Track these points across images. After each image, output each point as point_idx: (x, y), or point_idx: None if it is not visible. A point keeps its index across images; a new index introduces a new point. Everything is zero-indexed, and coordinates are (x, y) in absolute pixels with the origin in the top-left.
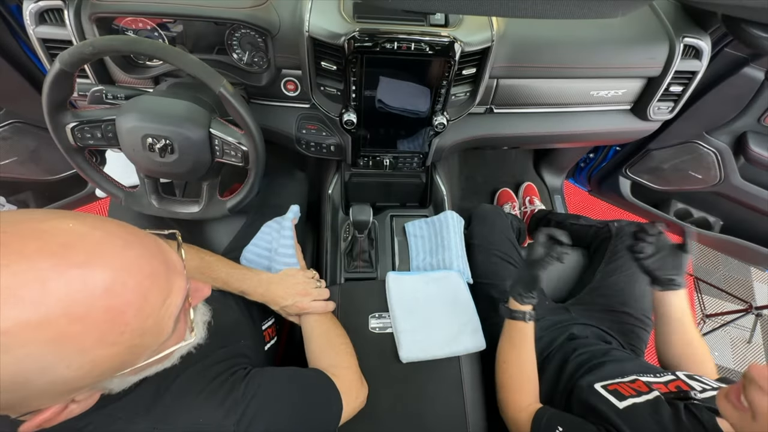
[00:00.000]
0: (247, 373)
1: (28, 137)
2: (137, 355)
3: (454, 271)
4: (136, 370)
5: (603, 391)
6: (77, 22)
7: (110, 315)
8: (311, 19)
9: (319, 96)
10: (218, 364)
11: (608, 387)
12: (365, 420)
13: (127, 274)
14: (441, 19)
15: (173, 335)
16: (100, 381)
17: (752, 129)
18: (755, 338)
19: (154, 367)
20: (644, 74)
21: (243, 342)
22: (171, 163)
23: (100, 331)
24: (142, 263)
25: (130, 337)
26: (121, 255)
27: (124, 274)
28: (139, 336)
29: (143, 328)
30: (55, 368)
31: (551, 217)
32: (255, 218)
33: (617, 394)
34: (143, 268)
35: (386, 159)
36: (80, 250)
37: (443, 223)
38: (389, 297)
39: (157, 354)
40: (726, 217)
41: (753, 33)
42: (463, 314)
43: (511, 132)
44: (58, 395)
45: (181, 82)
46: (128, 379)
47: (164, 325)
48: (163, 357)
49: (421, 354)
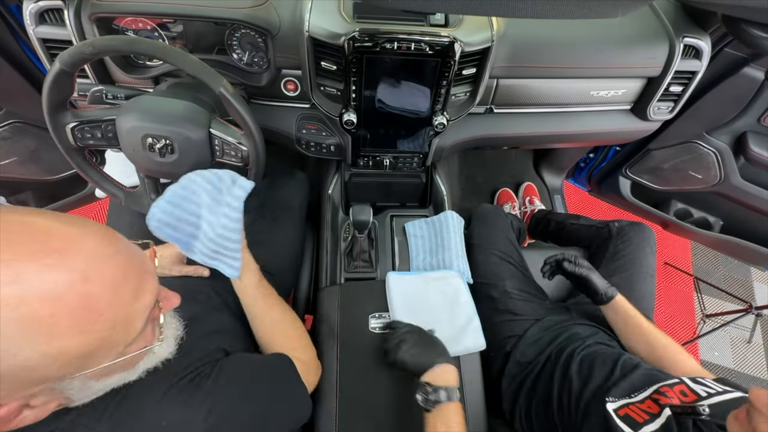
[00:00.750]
0: (213, 367)
1: (28, 137)
2: (105, 350)
3: (454, 271)
4: (100, 372)
5: (615, 417)
6: (77, 22)
7: (84, 302)
8: (311, 19)
9: (319, 96)
10: (187, 367)
11: (619, 412)
12: (365, 420)
13: (103, 265)
14: (441, 19)
15: (140, 337)
16: (64, 376)
17: (752, 129)
18: (755, 338)
19: (119, 374)
20: (644, 74)
21: (230, 341)
22: (171, 163)
23: (72, 318)
24: (117, 258)
25: (100, 328)
26: (98, 248)
27: (99, 265)
28: (110, 328)
29: (114, 320)
30: (20, 350)
31: (551, 217)
32: (255, 218)
33: (630, 422)
34: (118, 263)
35: (386, 159)
36: (60, 238)
37: (443, 223)
38: (389, 297)
39: (122, 356)
40: (726, 217)
41: (753, 33)
42: (463, 314)
43: (511, 132)
44: (18, 386)
45: (181, 82)
46: (90, 385)
47: (134, 322)
48: (127, 361)
49: None
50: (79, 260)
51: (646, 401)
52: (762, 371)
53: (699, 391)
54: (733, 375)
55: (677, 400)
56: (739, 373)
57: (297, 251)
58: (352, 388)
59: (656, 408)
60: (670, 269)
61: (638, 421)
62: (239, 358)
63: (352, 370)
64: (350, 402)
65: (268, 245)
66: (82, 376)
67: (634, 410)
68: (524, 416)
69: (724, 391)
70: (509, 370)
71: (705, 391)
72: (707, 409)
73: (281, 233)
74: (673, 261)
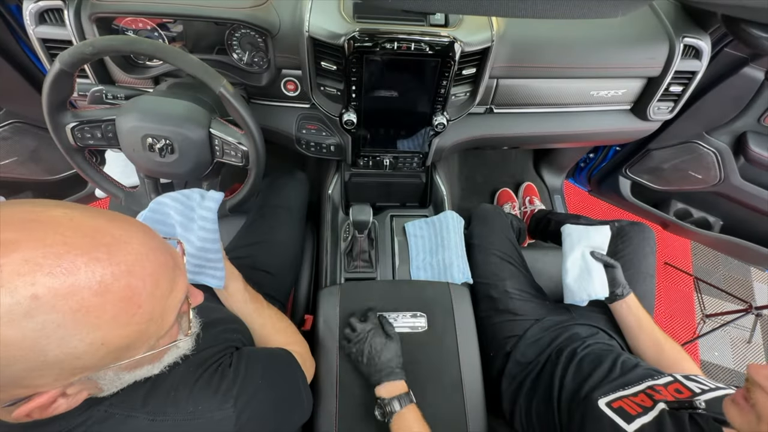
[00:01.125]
0: (231, 358)
1: (28, 137)
2: (141, 342)
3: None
4: (131, 364)
5: (608, 410)
6: (77, 22)
7: (127, 293)
8: (311, 19)
9: (319, 96)
10: (208, 359)
11: (612, 404)
12: (365, 420)
13: (145, 259)
14: (441, 19)
15: (169, 333)
16: (102, 366)
17: (752, 129)
18: (755, 338)
19: (146, 366)
20: (644, 74)
21: (235, 336)
22: (171, 163)
23: (116, 309)
24: (158, 253)
25: (139, 320)
26: (143, 241)
27: (143, 258)
28: (147, 321)
29: (151, 313)
30: (70, 339)
31: (551, 217)
32: (255, 218)
33: (623, 414)
34: (159, 257)
35: (386, 159)
36: (107, 233)
37: (443, 223)
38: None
39: (153, 349)
40: (726, 217)
41: (753, 33)
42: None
43: (511, 132)
44: (63, 374)
45: (181, 82)
46: (121, 376)
47: (167, 316)
48: (156, 354)
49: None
50: (125, 255)
51: (639, 395)
52: None
53: (693, 388)
54: (733, 375)
55: (671, 397)
56: (739, 373)
57: (297, 251)
58: (352, 388)
59: (650, 402)
60: (670, 269)
61: (631, 414)
62: (253, 351)
63: (352, 370)
64: (350, 402)
65: (268, 245)
66: (116, 366)
67: (628, 403)
68: (524, 416)
69: (717, 387)
70: (509, 370)
71: (699, 388)
72: (703, 403)
73: (281, 233)
74: (673, 261)
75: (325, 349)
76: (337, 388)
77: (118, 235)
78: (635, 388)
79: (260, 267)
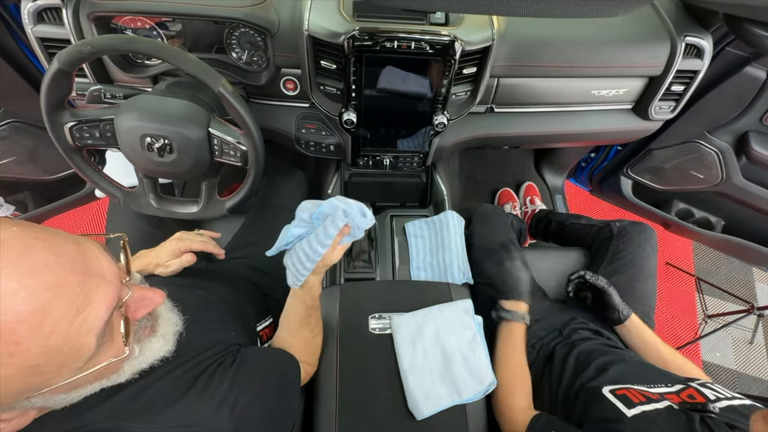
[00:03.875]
0: (233, 360)
1: (26, 137)
2: (48, 375)
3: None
4: (64, 388)
5: (611, 396)
6: (75, 21)
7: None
8: (311, 18)
9: (318, 95)
10: (205, 361)
11: (617, 392)
12: (366, 421)
13: (18, 285)
14: (441, 17)
15: (108, 348)
16: (12, 403)
17: (754, 128)
18: (757, 339)
19: (93, 383)
20: (645, 73)
21: (234, 334)
22: (170, 162)
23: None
24: (43, 273)
25: (24, 358)
26: (15, 263)
27: (14, 284)
28: (41, 355)
29: (45, 346)
30: None
31: (552, 217)
32: (254, 218)
33: (626, 400)
34: (44, 279)
35: (386, 158)
36: None
37: (443, 223)
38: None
39: (84, 371)
40: (728, 217)
41: (755, 32)
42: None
43: (512, 131)
44: None
45: (179, 81)
46: (60, 398)
47: (80, 342)
48: (97, 372)
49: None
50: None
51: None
52: (764, 372)
53: (708, 395)
54: (734, 376)
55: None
56: (741, 374)
57: None
58: (352, 388)
59: (657, 396)
60: (671, 269)
61: (633, 401)
62: (256, 354)
63: (352, 370)
64: (350, 402)
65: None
66: (40, 395)
67: (632, 392)
68: None
69: (733, 397)
70: None
71: (714, 395)
72: (717, 408)
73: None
74: (675, 261)
75: (325, 349)
76: (337, 388)
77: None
78: (641, 386)
79: (259, 267)
